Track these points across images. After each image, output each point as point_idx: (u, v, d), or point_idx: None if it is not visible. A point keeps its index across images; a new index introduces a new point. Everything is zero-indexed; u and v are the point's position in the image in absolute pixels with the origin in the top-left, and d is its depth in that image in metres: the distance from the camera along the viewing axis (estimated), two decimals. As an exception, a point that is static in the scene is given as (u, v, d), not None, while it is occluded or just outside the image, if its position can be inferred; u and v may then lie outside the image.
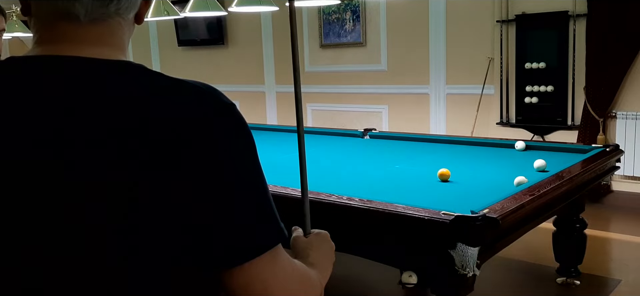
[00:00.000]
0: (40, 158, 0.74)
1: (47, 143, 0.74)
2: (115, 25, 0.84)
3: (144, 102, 0.76)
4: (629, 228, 4.49)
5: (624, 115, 4.96)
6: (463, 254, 2.03)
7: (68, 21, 0.81)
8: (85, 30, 0.81)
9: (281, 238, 0.81)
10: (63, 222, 0.74)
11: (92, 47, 0.81)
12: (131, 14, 0.87)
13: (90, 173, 0.73)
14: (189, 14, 3.93)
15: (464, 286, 2.13)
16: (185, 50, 7.89)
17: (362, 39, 6.30)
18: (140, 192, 0.73)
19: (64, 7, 0.80)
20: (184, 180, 0.74)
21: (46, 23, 0.82)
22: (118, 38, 0.85)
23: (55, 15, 0.81)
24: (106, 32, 0.83)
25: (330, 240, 1.06)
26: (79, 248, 0.74)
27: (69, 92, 0.76)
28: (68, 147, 0.73)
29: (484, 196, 2.36)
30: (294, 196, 1.97)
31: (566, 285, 3.41)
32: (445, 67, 5.87)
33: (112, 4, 0.82)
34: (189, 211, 0.75)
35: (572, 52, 5.06)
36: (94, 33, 0.82)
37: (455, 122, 5.78)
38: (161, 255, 0.76)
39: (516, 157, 3.40)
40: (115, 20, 0.84)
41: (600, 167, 3.10)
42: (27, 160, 0.74)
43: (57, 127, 0.74)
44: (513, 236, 2.46)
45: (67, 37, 0.81)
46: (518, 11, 5.29)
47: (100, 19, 0.82)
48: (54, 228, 0.74)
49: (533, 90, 5.29)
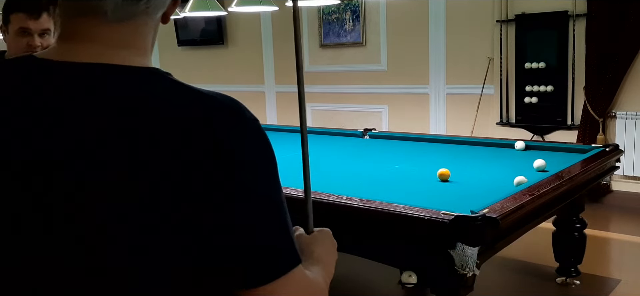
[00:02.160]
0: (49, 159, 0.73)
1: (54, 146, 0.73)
2: (141, 25, 0.81)
3: (157, 112, 0.73)
4: (629, 228, 4.49)
5: (624, 115, 4.96)
6: (463, 254, 2.03)
7: (93, 17, 0.77)
8: (110, 29, 0.78)
9: (298, 260, 0.79)
10: (64, 224, 0.73)
11: (114, 49, 0.78)
12: (159, 13, 0.83)
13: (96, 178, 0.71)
14: (188, 14, 3.93)
15: (464, 286, 2.13)
16: (184, 50, 7.88)
17: (362, 39, 6.30)
18: (149, 200, 0.71)
19: (89, 4, 0.77)
20: (201, 197, 0.72)
21: (71, 18, 0.79)
22: (142, 39, 0.82)
23: (81, 9, 0.78)
24: (130, 32, 0.80)
25: (332, 237, 1.05)
26: (82, 251, 0.73)
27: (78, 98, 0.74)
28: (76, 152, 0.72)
29: (484, 196, 2.36)
30: (295, 196, 1.96)
31: (566, 284, 3.42)
32: (445, 67, 5.88)
33: (143, 2, 0.79)
34: (200, 226, 0.72)
35: (572, 52, 5.06)
36: (118, 33, 0.79)
37: (455, 122, 5.78)
38: (167, 262, 0.73)
39: (516, 157, 3.40)
40: (142, 20, 0.80)
41: (600, 166, 3.10)
42: (33, 160, 0.73)
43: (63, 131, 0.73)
44: (513, 236, 2.46)
45: (89, 35, 0.78)
46: (518, 11, 5.29)
47: (127, 17, 0.78)
48: (56, 230, 0.73)
49: (533, 90, 5.29)
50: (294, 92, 7.04)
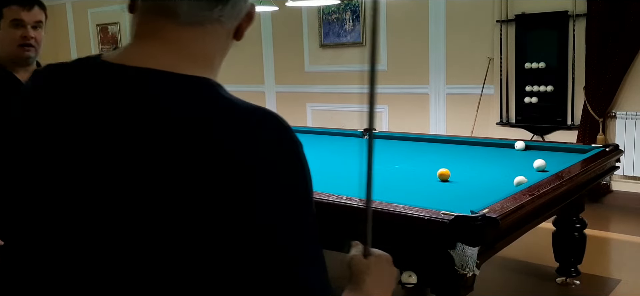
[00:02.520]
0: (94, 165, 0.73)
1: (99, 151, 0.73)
2: (211, 33, 0.80)
3: (202, 126, 0.71)
4: (629, 228, 4.49)
5: (624, 115, 4.96)
6: (463, 254, 2.03)
7: (165, 18, 0.78)
8: (179, 31, 0.78)
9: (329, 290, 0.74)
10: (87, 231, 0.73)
11: (179, 55, 0.78)
12: (233, 23, 0.82)
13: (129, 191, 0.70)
14: (188, 14, 3.92)
15: (464, 286, 2.13)
16: (185, 50, 7.89)
17: (362, 39, 6.30)
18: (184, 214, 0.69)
19: (166, 4, 0.77)
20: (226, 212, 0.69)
21: (144, 18, 0.80)
22: (209, 48, 0.81)
23: (155, 9, 0.78)
24: (199, 39, 0.79)
25: (393, 264, 0.95)
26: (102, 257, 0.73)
27: (129, 106, 0.73)
28: (116, 161, 0.72)
29: (484, 196, 2.36)
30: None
31: (566, 284, 3.42)
32: (445, 67, 5.88)
33: (218, 8, 0.78)
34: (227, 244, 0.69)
35: (572, 52, 5.06)
36: (187, 38, 0.78)
37: (455, 122, 5.78)
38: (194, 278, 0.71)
39: (516, 157, 3.40)
40: (214, 27, 0.80)
41: (600, 166, 3.10)
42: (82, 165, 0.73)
43: (106, 139, 0.72)
44: (513, 236, 2.46)
45: (159, 37, 0.78)
46: (518, 11, 5.29)
47: (199, 22, 0.78)
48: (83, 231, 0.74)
49: (533, 90, 5.29)
50: (293, 92, 7.01)
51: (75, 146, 0.73)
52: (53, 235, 0.76)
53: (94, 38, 9.29)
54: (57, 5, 9.75)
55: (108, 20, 9.01)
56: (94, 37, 9.30)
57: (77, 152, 0.73)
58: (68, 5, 9.59)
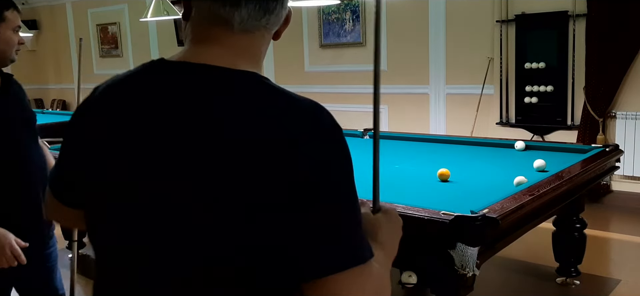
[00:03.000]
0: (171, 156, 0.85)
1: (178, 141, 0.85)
2: (259, 38, 0.94)
3: (270, 111, 0.85)
4: (629, 228, 4.49)
5: (624, 115, 4.96)
6: (463, 254, 2.03)
7: (221, 26, 0.91)
8: (235, 38, 0.92)
9: (362, 259, 0.84)
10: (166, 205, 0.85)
11: (235, 56, 0.91)
12: (275, 28, 0.97)
13: (199, 171, 0.83)
14: (188, 14, 3.92)
15: (464, 286, 2.13)
16: (185, 50, 7.88)
17: (362, 39, 6.30)
18: (243, 197, 0.81)
19: (223, 14, 0.90)
20: (283, 193, 0.81)
21: (202, 26, 0.93)
22: (257, 49, 0.95)
23: (212, 19, 0.91)
24: (250, 43, 0.94)
25: (398, 216, 1.07)
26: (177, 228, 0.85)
27: (200, 99, 0.87)
28: (193, 147, 0.84)
29: (484, 196, 2.36)
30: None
31: (566, 284, 3.42)
32: (445, 67, 5.88)
33: (265, 18, 0.92)
34: (281, 221, 0.81)
35: (572, 52, 5.06)
36: (241, 42, 0.92)
37: (455, 122, 5.78)
38: (249, 253, 0.83)
39: (516, 157, 3.40)
40: (261, 33, 0.94)
41: (600, 167, 3.10)
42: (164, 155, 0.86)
43: (186, 128, 0.85)
44: (513, 236, 2.46)
45: (217, 42, 0.91)
46: (518, 11, 5.29)
47: (250, 30, 0.92)
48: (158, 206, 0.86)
49: (533, 90, 5.29)
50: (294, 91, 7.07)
51: (174, 125, 0.86)
52: (148, 205, 0.88)
53: (94, 38, 9.29)
54: (57, 5, 9.75)
55: (108, 20, 9.01)
56: (94, 37, 9.30)
57: (176, 130, 0.86)
58: (68, 5, 9.59)
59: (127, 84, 0.94)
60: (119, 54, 8.97)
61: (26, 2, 9.69)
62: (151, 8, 4.27)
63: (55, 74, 10.15)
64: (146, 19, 4.46)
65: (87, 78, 11.28)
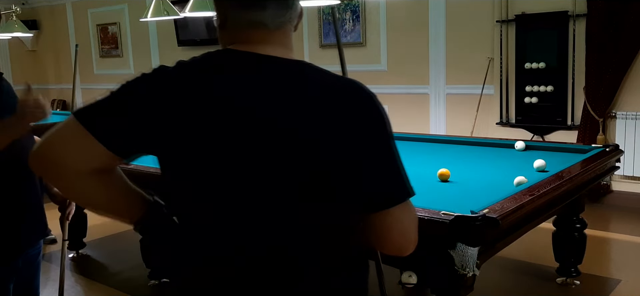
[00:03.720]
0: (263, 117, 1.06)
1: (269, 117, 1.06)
2: (289, 31, 1.17)
3: (326, 90, 1.09)
4: (629, 228, 4.49)
5: (624, 115, 4.96)
6: (463, 254, 2.03)
7: (257, 28, 1.13)
8: (272, 35, 1.13)
9: (412, 193, 1.15)
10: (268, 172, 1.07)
11: (278, 48, 1.13)
12: (295, 22, 1.18)
13: (290, 137, 1.05)
14: (188, 14, 3.93)
15: (464, 286, 2.13)
16: (185, 50, 7.88)
17: (362, 39, 6.30)
18: (327, 156, 1.05)
19: (256, 18, 1.12)
20: (356, 151, 1.06)
21: (242, 30, 1.14)
22: (289, 40, 1.17)
23: (249, 24, 1.13)
24: (283, 36, 1.15)
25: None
26: (272, 186, 1.07)
27: (278, 81, 1.09)
28: (283, 121, 1.05)
29: (484, 196, 2.36)
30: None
31: (566, 284, 3.42)
32: (445, 67, 5.88)
33: (287, 14, 1.15)
34: (361, 170, 1.07)
35: (572, 52, 5.06)
36: (277, 36, 1.14)
37: (455, 122, 5.78)
38: (334, 202, 1.10)
39: (516, 157, 3.40)
40: (286, 27, 1.16)
41: (600, 167, 3.10)
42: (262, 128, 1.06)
43: (274, 104, 1.06)
44: (513, 236, 2.46)
45: (260, 40, 1.13)
46: (518, 11, 5.29)
47: (280, 26, 1.14)
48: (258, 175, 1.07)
49: (533, 90, 5.29)
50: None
51: (254, 102, 1.07)
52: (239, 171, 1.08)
53: (94, 38, 9.29)
54: (57, 5, 9.75)
55: (108, 20, 9.01)
56: (94, 37, 9.30)
57: (255, 106, 1.07)
58: (68, 5, 9.59)
59: (202, 65, 1.14)
60: (119, 54, 8.97)
61: (26, 2, 9.69)
62: (151, 8, 4.27)
63: (55, 74, 10.15)
64: (146, 19, 4.46)
65: (87, 78, 11.28)
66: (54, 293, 3.67)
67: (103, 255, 4.34)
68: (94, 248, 4.40)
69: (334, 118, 1.05)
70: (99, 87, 9.34)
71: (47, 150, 1.12)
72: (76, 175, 1.12)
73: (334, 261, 1.15)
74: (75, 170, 1.12)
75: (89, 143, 1.09)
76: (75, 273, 4.01)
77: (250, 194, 1.08)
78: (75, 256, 4.24)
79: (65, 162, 1.11)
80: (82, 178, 1.12)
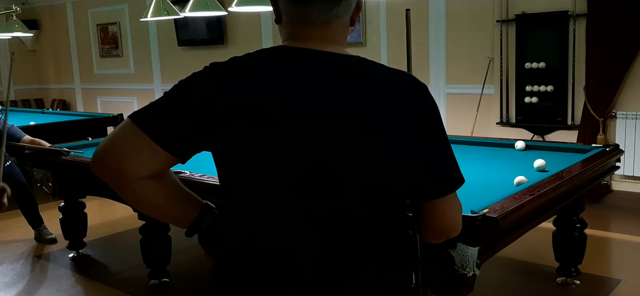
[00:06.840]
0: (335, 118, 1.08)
1: (335, 107, 1.08)
2: (338, 26, 1.17)
3: (380, 82, 1.12)
4: (629, 228, 4.49)
5: (624, 115, 4.96)
6: (463, 254, 2.03)
7: (308, 24, 1.14)
8: (320, 30, 1.15)
9: (462, 183, 1.19)
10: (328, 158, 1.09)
11: (327, 43, 1.15)
12: (346, 17, 1.18)
13: (351, 121, 1.08)
14: (188, 13, 3.94)
15: (464, 286, 2.13)
16: (185, 49, 7.89)
17: (362, 39, 6.30)
18: (384, 145, 1.08)
19: (304, 13, 1.13)
20: (411, 140, 1.10)
21: (294, 25, 1.16)
22: (339, 36, 1.18)
23: (299, 18, 1.15)
24: (332, 31, 1.16)
25: None
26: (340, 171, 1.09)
27: (334, 73, 1.11)
28: (347, 110, 1.08)
29: (484, 196, 2.36)
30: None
31: (566, 284, 3.41)
32: (445, 67, 5.88)
33: (334, 9, 1.14)
34: (415, 160, 1.11)
35: (572, 52, 5.06)
36: (325, 32, 1.15)
37: (455, 121, 5.78)
38: (390, 188, 1.14)
39: (516, 156, 3.40)
40: (335, 23, 1.16)
41: (600, 166, 3.10)
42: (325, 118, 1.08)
43: (335, 95, 1.09)
44: (513, 236, 2.45)
45: (309, 35, 1.14)
46: (518, 11, 5.29)
47: (328, 21, 1.14)
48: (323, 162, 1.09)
49: (533, 90, 5.29)
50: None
51: (321, 95, 1.09)
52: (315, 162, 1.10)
53: (94, 38, 9.29)
54: (57, 5, 9.75)
55: (108, 20, 9.01)
56: (94, 37, 9.30)
57: (322, 100, 1.09)
58: (68, 5, 9.59)
59: (255, 61, 1.15)
60: (119, 54, 8.97)
61: (26, 2, 9.69)
62: (151, 8, 4.27)
63: (55, 74, 10.15)
64: (146, 19, 4.46)
65: (87, 78, 11.30)
66: (54, 293, 3.67)
67: (103, 255, 4.34)
68: (94, 248, 4.40)
69: (396, 112, 1.08)
70: (99, 87, 9.34)
71: (109, 158, 1.12)
72: (138, 181, 1.12)
73: (390, 257, 1.19)
74: (136, 175, 1.11)
75: (149, 148, 1.10)
76: (75, 273, 4.01)
77: (310, 190, 1.09)
78: (75, 256, 4.24)
79: (127, 168, 1.10)
80: (143, 183, 1.12)
